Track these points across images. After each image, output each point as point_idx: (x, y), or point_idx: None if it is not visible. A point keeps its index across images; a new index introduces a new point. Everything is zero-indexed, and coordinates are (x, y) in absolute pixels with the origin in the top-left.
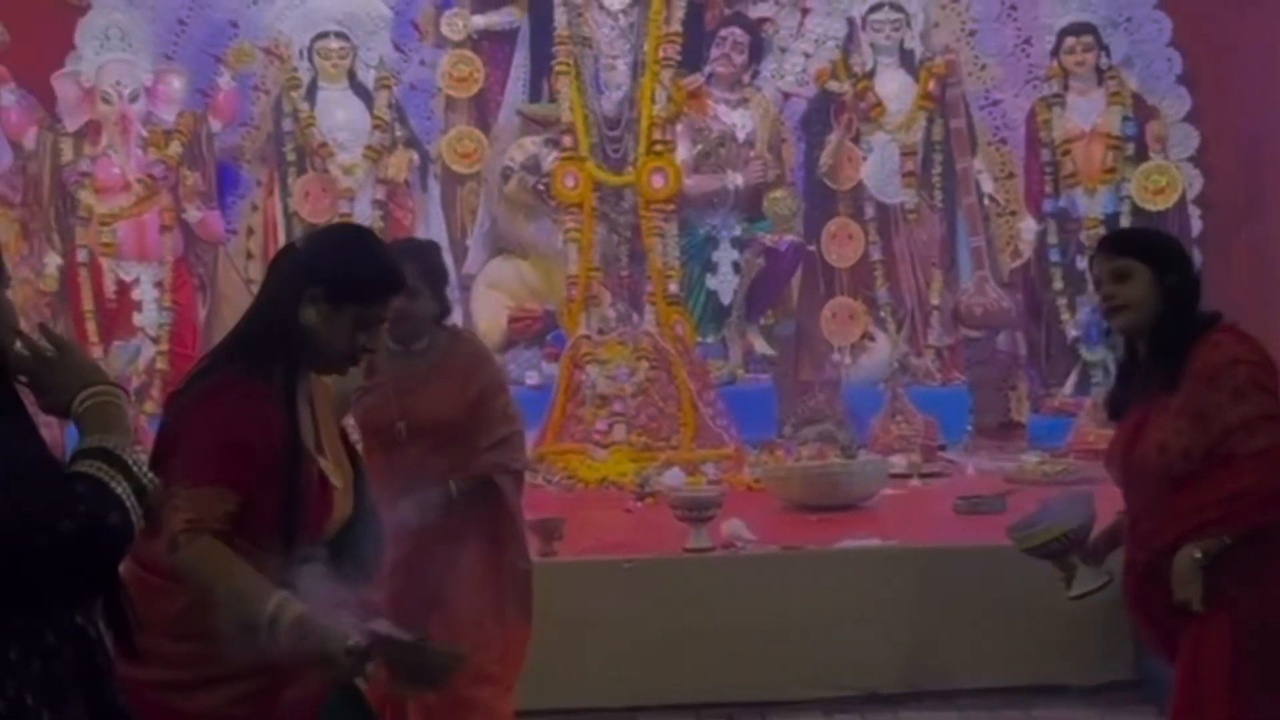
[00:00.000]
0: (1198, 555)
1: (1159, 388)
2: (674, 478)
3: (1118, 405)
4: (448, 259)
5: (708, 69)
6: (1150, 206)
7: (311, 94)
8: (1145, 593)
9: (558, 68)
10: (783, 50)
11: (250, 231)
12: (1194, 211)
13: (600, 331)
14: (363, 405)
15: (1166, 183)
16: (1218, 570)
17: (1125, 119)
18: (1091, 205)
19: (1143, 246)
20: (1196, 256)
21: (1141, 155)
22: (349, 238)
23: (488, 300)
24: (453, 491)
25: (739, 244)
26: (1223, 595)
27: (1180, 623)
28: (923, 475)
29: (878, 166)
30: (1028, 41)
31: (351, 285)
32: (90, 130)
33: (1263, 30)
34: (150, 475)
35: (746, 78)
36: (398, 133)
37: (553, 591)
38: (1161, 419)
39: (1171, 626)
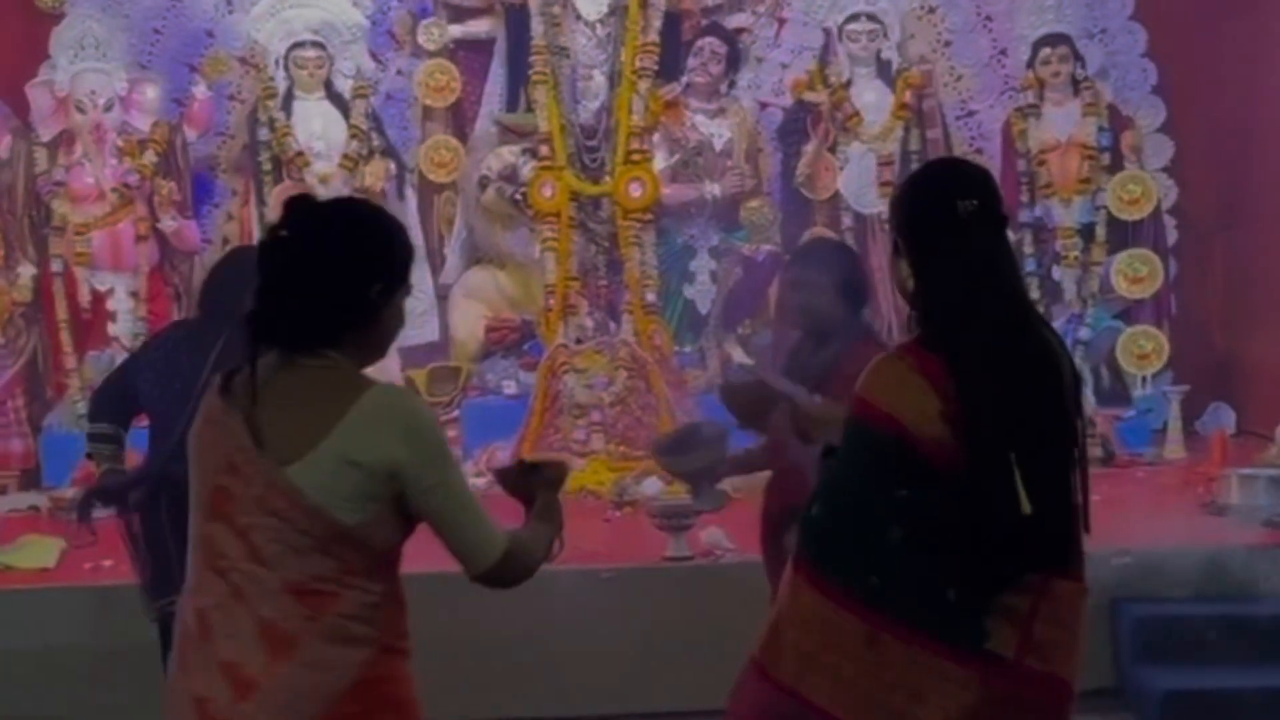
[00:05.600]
0: None
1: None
2: (652, 487)
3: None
4: (425, 268)
5: (685, 79)
6: (1125, 216)
7: (287, 103)
8: (775, 540)
9: (535, 77)
10: (759, 60)
11: (226, 241)
12: (1169, 221)
13: (578, 341)
14: None
15: (1141, 193)
16: None
17: (1101, 129)
18: (1067, 215)
19: None
20: (1172, 266)
21: (1117, 166)
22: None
23: (465, 310)
24: None
25: (716, 253)
26: None
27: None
28: None
29: (854, 176)
30: (1003, 52)
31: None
32: (64, 139)
33: (1237, 41)
34: None
35: (723, 88)
36: (374, 142)
37: (531, 599)
38: None
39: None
